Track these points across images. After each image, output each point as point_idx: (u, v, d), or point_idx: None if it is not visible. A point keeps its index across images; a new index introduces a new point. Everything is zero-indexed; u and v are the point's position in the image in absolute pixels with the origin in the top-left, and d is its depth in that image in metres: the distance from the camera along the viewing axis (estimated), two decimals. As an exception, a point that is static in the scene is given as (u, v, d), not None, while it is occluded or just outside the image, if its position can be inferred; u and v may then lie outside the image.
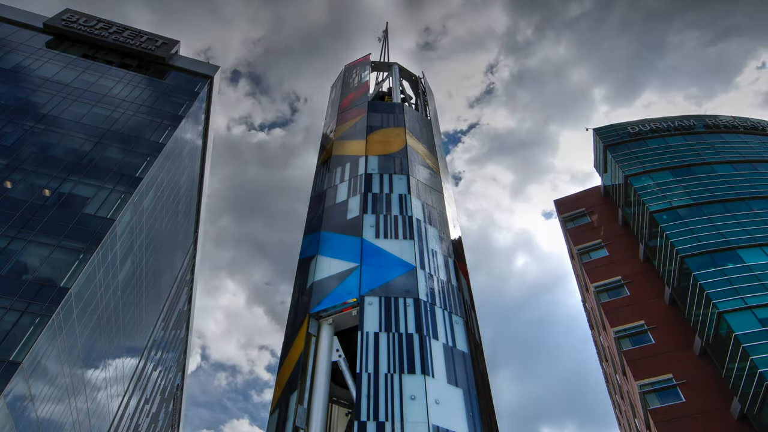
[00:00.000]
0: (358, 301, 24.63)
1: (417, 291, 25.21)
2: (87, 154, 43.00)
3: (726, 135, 54.80)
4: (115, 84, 53.10)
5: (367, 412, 19.76)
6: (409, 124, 40.24)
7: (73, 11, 60.25)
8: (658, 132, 55.92)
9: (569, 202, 60.05)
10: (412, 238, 28.50)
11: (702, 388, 36.77)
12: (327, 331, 24.79)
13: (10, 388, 27.13)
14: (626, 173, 51.08)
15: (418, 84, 53.08)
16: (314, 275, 27.12)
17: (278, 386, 24.14)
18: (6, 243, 33.59)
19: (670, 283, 42.95)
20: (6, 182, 37.99)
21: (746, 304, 35.80)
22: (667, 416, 36.00)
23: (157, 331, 59.90)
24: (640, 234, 48.84)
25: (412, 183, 33.11)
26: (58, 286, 32.21)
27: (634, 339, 42.16)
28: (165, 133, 49.12)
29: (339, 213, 31.11)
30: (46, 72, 51.00)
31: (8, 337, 28.76)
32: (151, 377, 61.64)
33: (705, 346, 38.02)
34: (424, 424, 19.42)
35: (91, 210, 38.26)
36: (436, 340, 23.38)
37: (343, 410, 26.10)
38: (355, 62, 53.06)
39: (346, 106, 44.34)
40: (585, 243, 53.42)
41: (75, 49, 56.54)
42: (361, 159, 35.28)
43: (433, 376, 21.47)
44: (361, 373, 21.15)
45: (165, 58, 59.11)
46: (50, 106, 46.61)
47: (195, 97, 56.38)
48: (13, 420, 28.04)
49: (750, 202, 44.61)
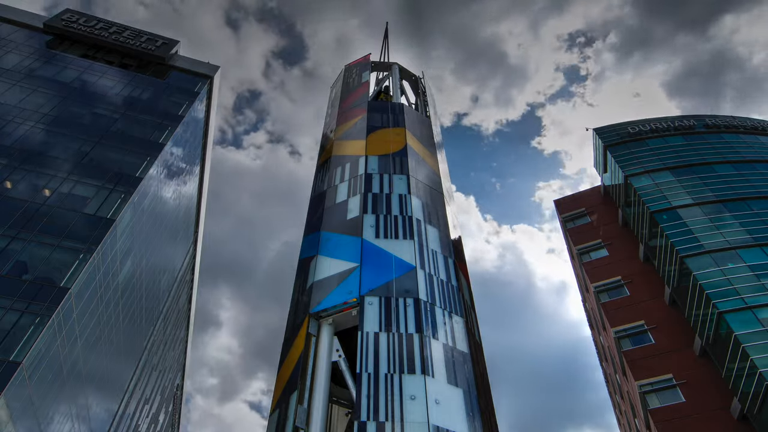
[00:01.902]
0: (358, 301, 24.64)
1: (417, 291, 25.21)
2: (87, 154, 42.98)
3: (726, 135, 54.80)
4: (115, 84, 53.09)
5: (367, 412, 19.77)
6: (409, 124, 40.25)
7: (73, 11, 60.25)
8: (658, 132, 55.92)
9: (569, 202, 60.06)
10: (412, 238, 28.50)
11: (702, 388, 36.77)
12: (327, 331, 24.80)
13: (10, 389, 27.13)
14: (626, 173, 51.08)
15: (418, 84, 53.09)
16: (314, 275, 27.14)
17: (278, 386, 24.14)
18: (6, 243, 33.58)
19: (670, 283, 42.95)
20: (6, 182, 37.98)
21: (746, 304, 35.80)
22: (667, 416, 36.00)
23: (157, 331, 59.89)
24: (640, 234, 48.85)
25: (412, 183, 33.11)
26: (58, 286, 32.20)
27: (634, 339, 42.16)
28: (165, 133, 49.10)
29: (339, 213, 31.12)
30: (46, 72, 50.99)
31: (8, 337, 28.75)
32: (151, 377, 61.64)
33: (705, 346, 38.02)
34: (424, 424, 19.42)
35: (91, 210, 38.24)
36: (436, 340, 23.38)
37: (343, 410, 26.10)
38: (355, 62, 53.04)
39: (346, 106, 44.33)
40: (585, 243, 53.43)
41: (75, 49, 56.53)
42: (361, 159, 35.28)
43: (433, 376, 21.47)
44: (361, 373, 21.15)
45: (165, 58, 59.09)
46: (50, 106, 46.59)
47: (195, 97, 56.37)
48: (13, 420, 28.03)
49: (750, 202, 44.61)
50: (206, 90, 60.14)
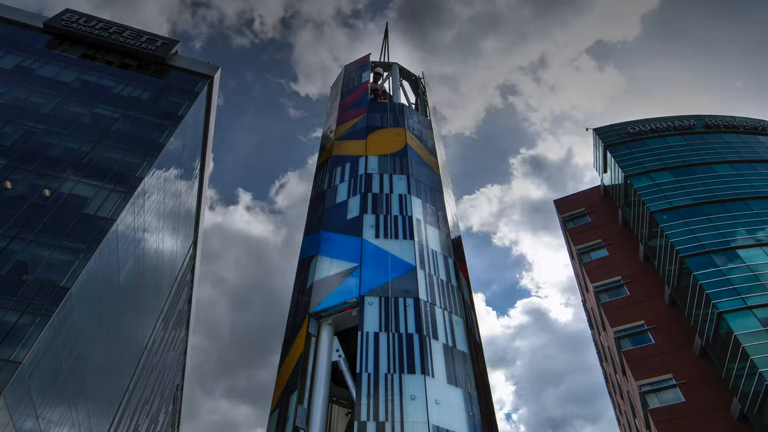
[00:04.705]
0: (358, 301, 24.63)
1: (417, 291, 25.21)
2: (87, 154, 42.96)
3: (726, 135, 54.79)
4: (115, 84, 53.06)
5: (367, 412, 19.77)
6: (409, 124, 40.25)
7: (73, 11, 60.23)
8: (658, 132, 55.92)
9: (569, 202, 60.05)
10: (412, 238, 28.50)
11: (702, 388, 36.75)
12: (327, 331, 24.80)
13: (10, 388, 27.12)
14: (626, 173, 51.07)
15: (418, 84, 53.09)
16: (314, 275, 27.13)
17: (278, 386, 24.14)
18: (6, 243, 33.57)
19: (670, 283, 42.94)
20: (6, 182, 37.97)
21: (746, 304, 35.79)
22: (667, 416, 35.98)
23: (157, 331, 59.90)
24: (640, 234, 48.84)
25: (412, 183, 33.11)
26: (58, 286, 32.19)
27: (634, 339, 42.15)
28: (165, 133, 49.08)
29: (339, 213, 31.11)
30: (46, 72, 50.96)
31: (8, 337, 28.74)
32: (150, 377, 61.64)
33: (705, 346, 38.00)
34: (424, 424, 19.42)
35: (91, 210, 38.23)
36: (436, 340, 23.38)
37: (343, 410, 26.10)
38: (355, 62, 53.02)
39: (346, 107, 44.33)
40: (585, 243, 53.42)
41: (75, 49, 56.49)
42: (361, 159, 35.28)
43: (433, 376, 21.47)
44: (361, 373, 21.15)
45: (165, 58, 59.06)
46: (50, 106, 46.57)
47: (195, 97, 56.35)
48: (13, 420, 28.03)
49: (750, 202, 44.60)
50: (206, 90, 60.12)
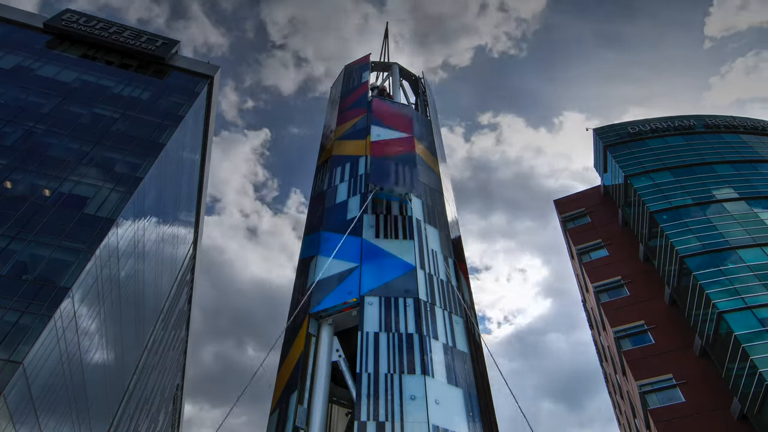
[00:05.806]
0: (358, 301, 24.63)
1: (417, 291, 25.20)
2: (87, 154, 42.98)
3: (726, 135, 54.78)
4: (115, 84, 53.08)
5: (367, 412, 19.77)
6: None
7: (73, 11, 60.23)
8: (658, 132, 55.91)
9: (569, 202, 60.06)
10: (412, 238, 28.49)
11: (702, 388, 36.75)
12: (327, 331, 24.79)
13: (10, 388, 27.13)
14: (626, 173, 51.07)
15: (419, 84, 53.07)
16: (314, 275, 27.12)
17: (278, 386, 24.14)
18: (6, 243, 33.59)
19: (670, 283, 42.93)
20: (6, 182, 37.98)
21: (746, 304, 35.78)
22: (667, 416, 35.98)
23: (156, 331, 59.90)
24: (640, 234, 48.83)
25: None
26: (58, 286, 32.21)
27: (634, 339, 42.15)
28: (165, 133, 49.09)
29: (339, 213, 31.10)
30: (46, 72, 50.96)
31: (8, 337, 28.76)
32: (150, 377, 61.64)
33: (705, 346, 38.00)
34: (424, 424, 19.42)
35: (91, 210, 38.24)
36: (436, 340, 23.38)
37: (343, 410, 26.09)
38: (355, 62, 53.00)
39: (346, 107, 44.31)
40: (585, 243, 53.42)
41: (75, 49, 56.48)
42: (361, 159, 35.25)
43: (433, 376, 21.47)
44: (361, 373, 21.15)
45: (165, 58, 59.06)
46: (50, 106, 46.58)
47: (195, 97, 56.36)
48: (13, 420, 28.04)
49: (750, 202, 44.60)
50: (206, 90, 60.13)
